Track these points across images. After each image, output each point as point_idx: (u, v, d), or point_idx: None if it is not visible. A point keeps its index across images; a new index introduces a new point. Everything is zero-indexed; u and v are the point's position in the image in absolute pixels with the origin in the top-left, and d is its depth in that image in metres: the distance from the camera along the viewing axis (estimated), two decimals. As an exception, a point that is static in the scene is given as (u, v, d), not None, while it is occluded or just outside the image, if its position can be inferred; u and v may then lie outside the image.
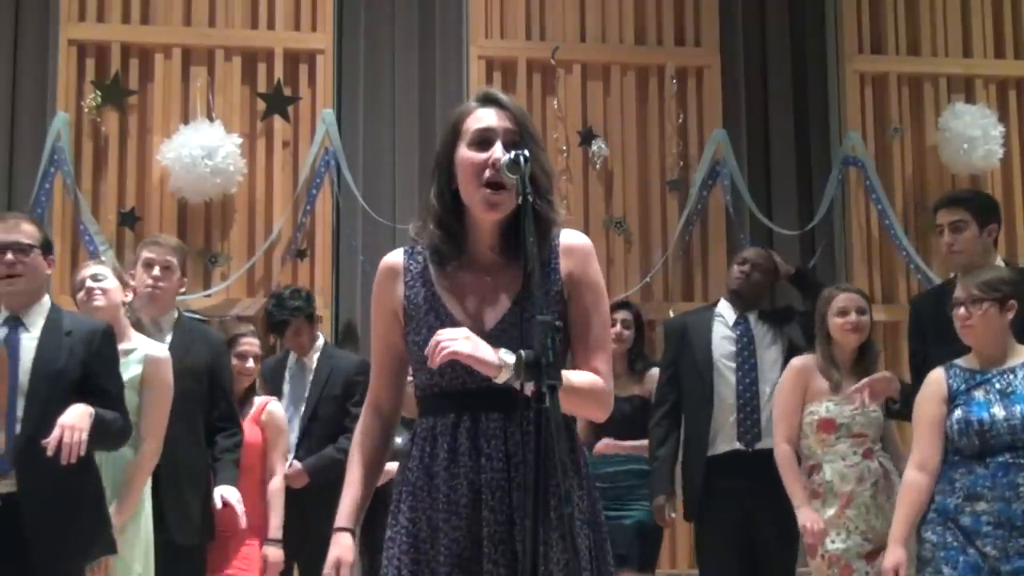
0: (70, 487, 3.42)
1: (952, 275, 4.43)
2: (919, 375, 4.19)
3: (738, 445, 4.69)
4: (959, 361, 3.79)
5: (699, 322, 4.92)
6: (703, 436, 4.72)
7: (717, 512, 4.67)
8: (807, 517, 4.25)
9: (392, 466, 2.45)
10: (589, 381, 2.26)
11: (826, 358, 4.42)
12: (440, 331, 2.14)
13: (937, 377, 3.77)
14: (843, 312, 4.41)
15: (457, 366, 2.22)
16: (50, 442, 3.24)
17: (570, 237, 2.37)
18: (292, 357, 5.19)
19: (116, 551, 3.57)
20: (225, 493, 4.19)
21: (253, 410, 4.62)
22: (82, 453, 3.30)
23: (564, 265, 2.33)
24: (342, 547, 2.31)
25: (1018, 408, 3.58)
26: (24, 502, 3.33)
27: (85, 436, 3.30)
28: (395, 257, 2.38)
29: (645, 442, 4.90)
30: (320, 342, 5.24)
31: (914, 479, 3.72)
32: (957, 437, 3.65)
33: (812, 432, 4.35)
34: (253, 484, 4.51)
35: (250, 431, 4.53)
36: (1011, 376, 3.67)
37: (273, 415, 4.64)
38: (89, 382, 3.46)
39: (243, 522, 4.22)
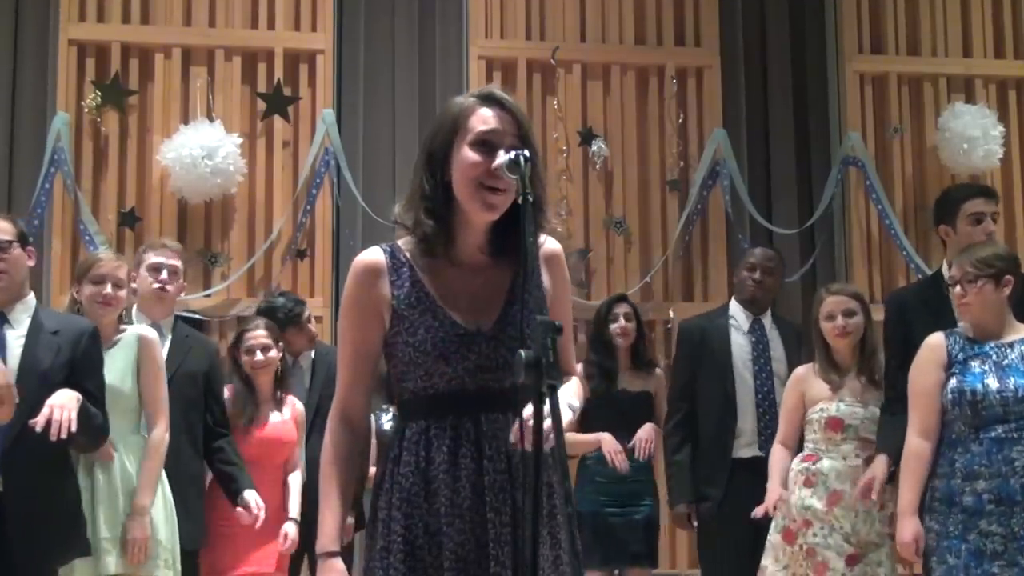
0: (51, 488, 3.44)
1: (939, 268, 4.40)
2: (894, 381, 4.17)
3: (759, 452, 4.68)
4: (959, 329, 3.78)
5: (716, 328, 4.90)
6: (727, 442, 4.71)
7: (732, 515, 4.64)
8: (773, 491, 4.32)
9: None
10: (577, 389, 2.29)
11: (823, 360, 4.42)
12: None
13: (937, 342, 3.75)
14: (830, 317, 4.39)
15: (457, 366, 2.21)
16: (38, 419, 3.23)
17: (548, 244, 2.36)
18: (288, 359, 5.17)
19: (90, 552, 3.60)
20: (256, 499, 4.22)
21: (290, 409, 4.65)
22: (73, 429, 3.28)
23: (545, 272, 2.32)
24: (339, 572, 2.22)
25: (1012, 381, 3.57)
26: (8, 502, 3.33)
27: (74, 415, 3.29)
28: (375, 255, 2.29)
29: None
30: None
31: (918, 447, 3.71)
32: (951, 407, 3.64)
33: (820, 428, 4.33)
34: (280, 480, 4.58)
35: (288, 429, 4.60)
36: (1008, 350, 3.66)
37: (302, 415, 4.71)
38: (73, 382, 3.46)
39: (260, 522, 4.24)
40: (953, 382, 3.65)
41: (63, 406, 3.29)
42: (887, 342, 4.34)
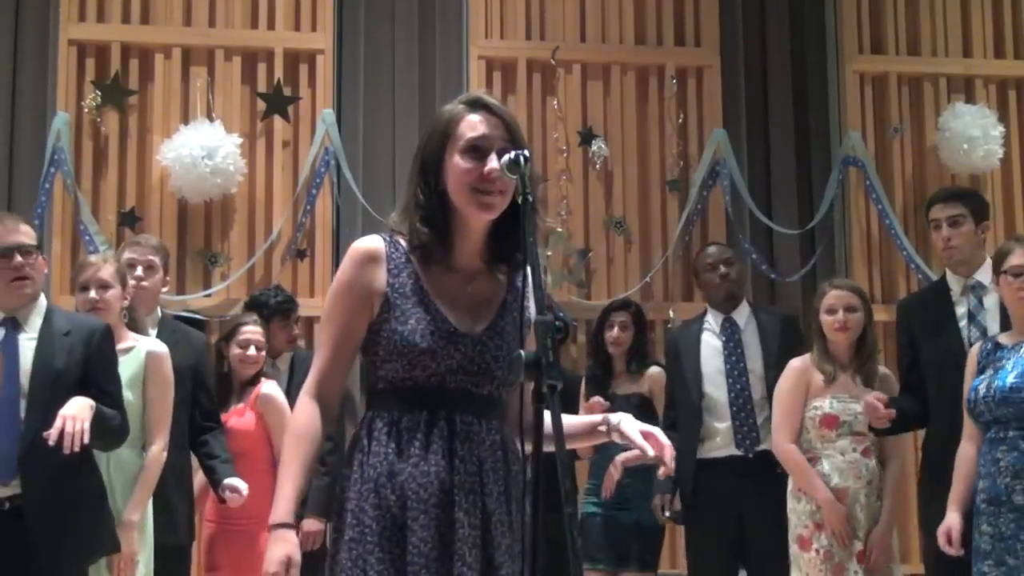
0: (73, 488, 3.42)
1: (943, 275, 4.45)
2: (907, 377, 4.32)
3: (736, 452, 4.70)
4: (999, 336, 3.85)
5: (687, 336, 4.95)
6: (691, 447, 4.72)
7: (708, 514, 4.67)
8: (832, 509, 4.21)
9: None
10: None
11: (820, 352, 4.41)
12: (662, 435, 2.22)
13: (973, 351, 3.87)
14: (831, 311, 4.39)
15: (440, 363, 2.21)
16: (51, 432, 3.23)
17: None
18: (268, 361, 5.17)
19: (119, 549, 3.58)
20: (236, 482, 4.13)
21: (250, 397, 4.58)
22: (86, 441, 3.28)
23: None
24: (291, 544, 2.17)
25: (997, 383, 3.64)
26: (29, 505, 3.33)
27: (87, 426, 3.29)
28: (374, 242, 2.30)
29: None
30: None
31: (964, 450, 3.82)
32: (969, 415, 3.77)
33: (814, 427, 4.33)
34: (253, 472, 4.44)
35: (246, 417, 4.53)
36: (1013, 351, 3.72)
37: (270, 399, 4.53)
38: (88, 382, 3.45)
39: (239, 501, 4.15)
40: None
41: (75, 416, 3.28)
42: (899, 347, 4.47)
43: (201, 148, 5.75)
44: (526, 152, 2.17)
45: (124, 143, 6.01)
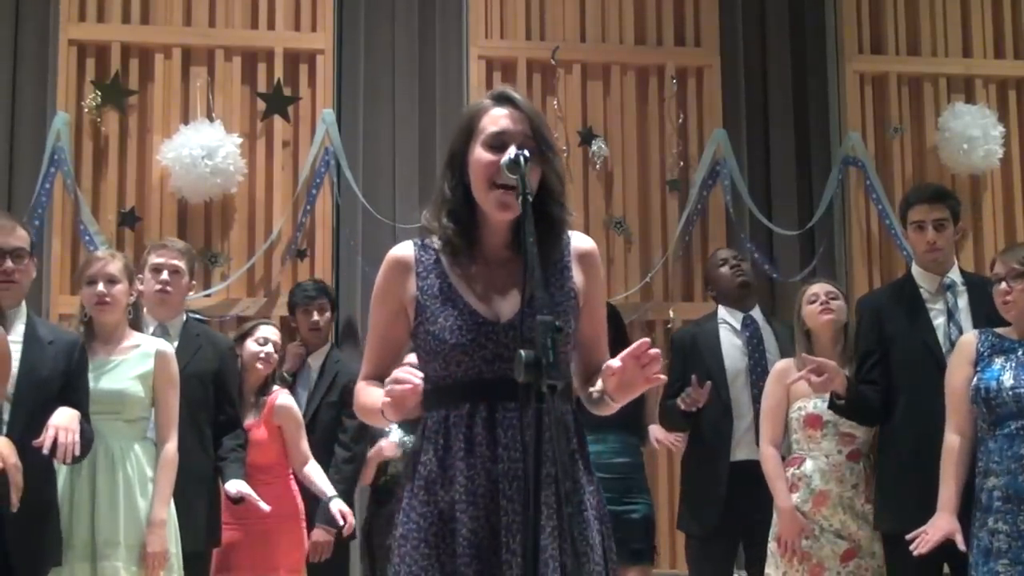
0: (40, 497, 3.43)
1: (908, 270, 4.43)
2: (868, 373, 4.19)
3: (756, 457, 4.57)
4: (998, 328, 3.78)
5: (705, 332, 4.85)
6: (725, 447, 4.65)
7: (728, 517, 4.58)
8: (787, 519, 4.19)
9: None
10: None
11: (804, 351, 4.34)
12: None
13: (969, 339, 3.79)
14: (812, 300, 4.36)
15: (474, 355, 2.23)
16: (44, 440, 3.24)
17: (581, 241, 2.41)
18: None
19: (61, 562, 3.58)
20: (238, 486, 4.14)
21: (264, 409, 4.56)
22: (77, 453, 3.31)
23: (578, 270, 2.36)
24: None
25: None
26: (7, 510, 3.31)
27: (78, 438, 3.31)
28: (405, 250, 2.37)
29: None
30: (328, 345, 5.25)
31: (951, 443, 3.73)
32: (971, 405, 3.67)
33: (800, 428, 4.30)
34: (270, 485, 4.47)
35: (260, 431, 4.51)
36: None
37: (286, 409, 4.56)
38: (66, 395, 3.46)
39: (263, 506, 4.17)
40: (974, 379, 3.68)
41: (68, 428, 3.30)
42: (859, 343, 4.31)
43: (201, 148, 5.75)
44: (526, 152, 2.19)
45: (124, 143, 6.01)
